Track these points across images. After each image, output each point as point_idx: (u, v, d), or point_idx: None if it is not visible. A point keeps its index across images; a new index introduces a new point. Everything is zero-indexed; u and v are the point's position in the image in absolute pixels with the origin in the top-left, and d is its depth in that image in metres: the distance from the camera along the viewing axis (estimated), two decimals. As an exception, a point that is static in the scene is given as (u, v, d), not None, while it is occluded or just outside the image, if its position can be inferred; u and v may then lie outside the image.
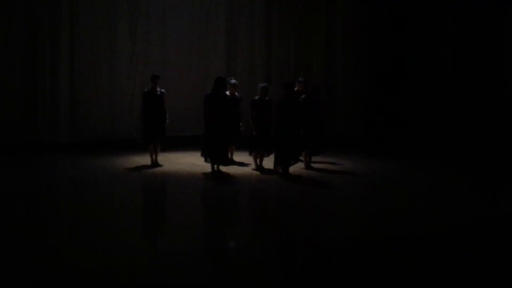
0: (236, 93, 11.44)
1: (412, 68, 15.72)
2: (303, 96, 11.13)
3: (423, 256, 5.99)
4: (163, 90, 11.32)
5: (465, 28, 14.67)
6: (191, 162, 11.75)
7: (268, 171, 10.72)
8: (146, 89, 11.39)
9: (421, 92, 15.43)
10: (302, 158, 11.04)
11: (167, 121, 11.28)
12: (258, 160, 10.96)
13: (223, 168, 10.55)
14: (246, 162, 11.51)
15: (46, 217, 7.81)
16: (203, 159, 10.67)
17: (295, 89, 11.68)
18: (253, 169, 10.95)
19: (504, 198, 9.27)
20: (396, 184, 10.25)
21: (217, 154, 10.34)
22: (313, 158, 11.38)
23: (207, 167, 10.68)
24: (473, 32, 14.49)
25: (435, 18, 15.30)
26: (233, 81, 11.59)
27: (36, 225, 7.30)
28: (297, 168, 10.84)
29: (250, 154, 11.07)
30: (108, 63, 14.42)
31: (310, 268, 5.67)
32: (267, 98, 10.85)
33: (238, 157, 11.75)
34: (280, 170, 10.40)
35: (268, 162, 11.04)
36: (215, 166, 10.48)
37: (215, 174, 10.37)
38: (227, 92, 11.05)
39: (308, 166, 11.13)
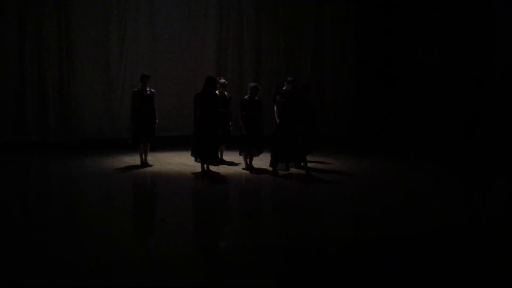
0: (226, 93, 11.47)
1: (400, 67, 15.77)
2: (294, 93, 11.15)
3: (416, 256, 6.03)
4: (152, 90, 11.31)
5: (453, 25, 14.73)
6: (181, 162, 11.74)
7: (258, 170, 10.74)
8: (135, 89, 11.37)
9: (410, 91, 15.48)
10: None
11: (156, 121, 11.28)
12: (248, 160, 10.98)
13: (213, 168, 10.56)
14: (236, 161, 11.53)
15: (36, 217, 7.77)
16: (193, 158, 10.68)
17: (284, 88, 11.73)
18: (243, 169, 10.96)
19: (496, 196, 9.33)
20: (386, 183, 10.28)
21: (207, 154, 10.34)
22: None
23: (197, 167, 10.68)
24: (462, 30, 14.56)
25: (423, 16, 15.35)
26: (223, 80, 11.60)
27: (26, 225, 7.27)
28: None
29: (240, 154, 11.09)
30: (97, 63, 14.36)
31: (302, 267, 5.69)
32: (256, 98, 10.88)
33: (228, 156, 11.76)
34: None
35: (258, 162, 11.06)
36: (205, 166, 10.48)
37: (205, 174, 10.37)
38: (217, 92, 11.04)
39: (297, 165, 11.14)
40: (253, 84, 11.19)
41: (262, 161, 11.10)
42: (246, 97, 10.96)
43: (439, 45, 15.02)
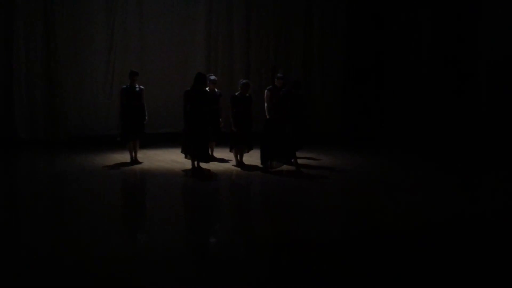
0: (216, 89, 11.44)
1: (389, 64, 15.80)
2: (283, 89, 11.14)
3: (405, 251, 6.04)
4: (141, 87, 11.24)
5: (441, 22, 14.78)
6: (171, 159, 11.69)
7: (248, 167, 10.71)
8: (124, 86, 11.30)
9: (399, 88, 15.52)
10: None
11: (146, 117, 11.21)
12: (238, 156, 10.95)
13: (203, 165, 10.52)
14: (226, 158, 11.50)
15: (25, 215, 7.71)
16: (183, 155, 10.63)
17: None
18: (233, 165, 10.94)
19: (485, 192, 9.37)
20: (376, 179, 10.28)
21: (198, 151, 10.30)
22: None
23: (187, 164, 10.64)
24: (449, 26, 14.62)
25: (412, 13, 15.40)
26: (213, 77, 11.58)
27: (14, 223, 7.21)
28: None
29: (230, 151, 11.06)
30: (85, 59, 14.25)
31: (293, 263, 5.67)
32: (247, 95, 10.85)
33: (218, 153, 11.72)
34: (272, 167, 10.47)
35: (249, 158, 11.04)
36: (196, 163, 10.44)
37: (196, 171, 10.33)
38: (207, 88, 11.01)
39: (287, 162, 11.12)
40: (244, 81, 11.16)
41: (252, 157, 11.07)
42: (236, 93, 10.92)
43: (428, 40, 15.06)
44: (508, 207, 8.13)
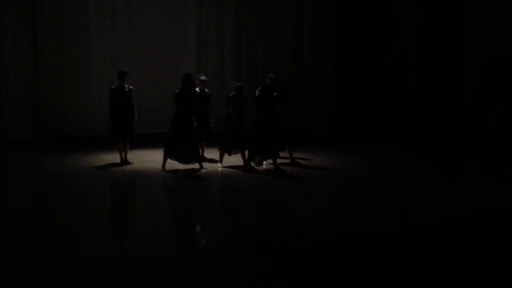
0: (206, 89, 11.40)
1: (378, 63, 15.82)
2: (275, 94, 11.13)
3: (396, 249, 6.03)
4: (131, 87, 11.19)
5: (428, 21, 14.84)
6: (161, 159, 11.58)
7: (237, 167, 10.70)
8: (113, 86, 11.24)
9: (388, 86, 15.55)
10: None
11: (135, 118, 11.16)
12: (220, 156, 10.97)
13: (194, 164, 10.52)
14: (216, 158, 11.45)
15: (13, 216, 7.63)
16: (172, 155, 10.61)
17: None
18: (220, 167, 10.92)
19: (474, 190, 9.41)
20: (367, 177, 10.30)
21: (190, 153, 10.34)
22: (284, 154, 11.38)
23: (177, 164, 10.62)
24: (437, 23, 14.68)
25: (399, 11, 15.45)
26: (203, 77, 11.56)
27: (1, 224, 7.14)
28: (269, 163, 10.85)
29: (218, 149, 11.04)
30: (74, 59, 14.15)
31: (283, 263, 5.64)
32: (244, 96, 10.88)
33: (209, 153, 11.69)
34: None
35: (238, 159, 11.01)
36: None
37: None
38: (197, 89, 10.97)
39: (292, 161, 11.22)
40: (238, 83, 11.08)
41: (239, 158, 11.05)
42: (232, 94, 10.91)
43: (416, 38, 15.12)
44: (501, 204, 8.17)
